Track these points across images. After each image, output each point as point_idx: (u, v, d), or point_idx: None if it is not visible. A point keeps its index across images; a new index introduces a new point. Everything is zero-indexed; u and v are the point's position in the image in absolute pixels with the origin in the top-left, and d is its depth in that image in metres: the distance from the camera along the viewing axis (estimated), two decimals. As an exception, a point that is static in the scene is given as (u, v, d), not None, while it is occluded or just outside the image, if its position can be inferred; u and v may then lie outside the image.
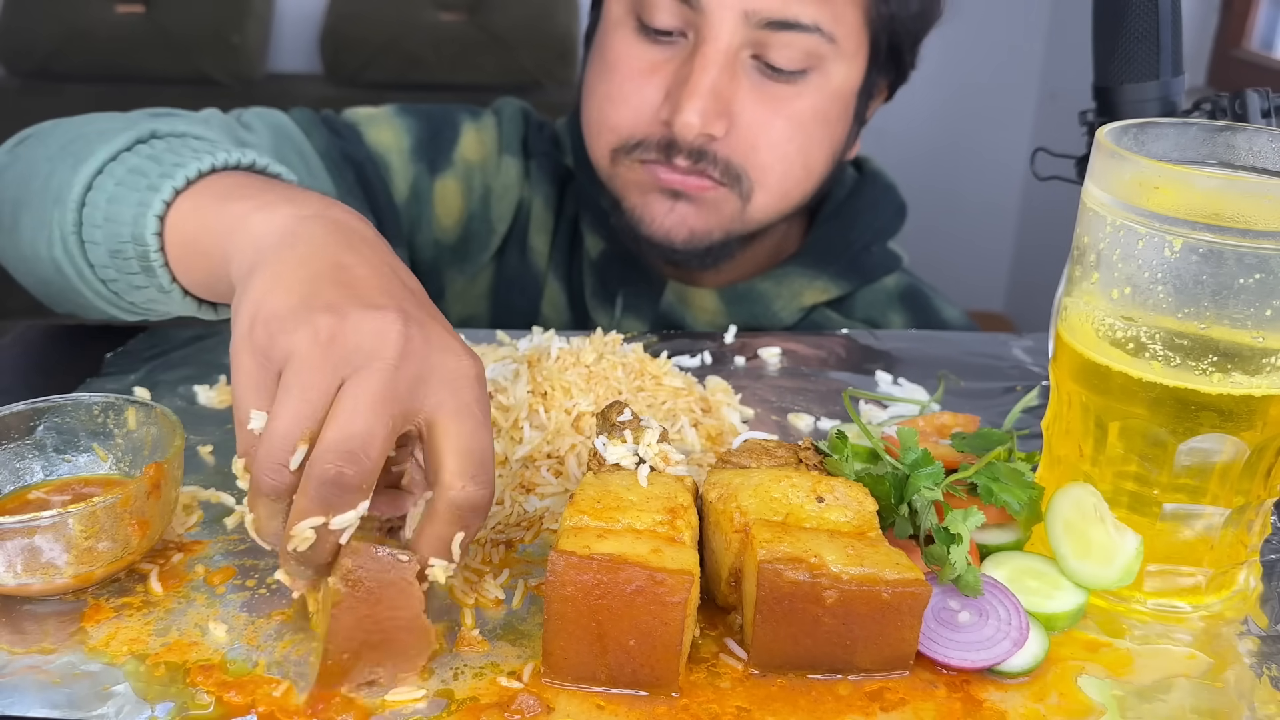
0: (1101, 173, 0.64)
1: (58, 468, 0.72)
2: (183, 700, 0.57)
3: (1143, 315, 0.62)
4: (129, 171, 0.78)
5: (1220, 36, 2.64)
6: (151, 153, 0.79)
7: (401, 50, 2.81)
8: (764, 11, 0.97)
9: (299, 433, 0.56)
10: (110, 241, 0.78)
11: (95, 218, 0.78)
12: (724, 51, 0.98)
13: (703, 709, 0.58)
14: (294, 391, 0.57)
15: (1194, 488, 0.64)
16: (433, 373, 0.59)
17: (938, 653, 0.61)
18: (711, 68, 0.98)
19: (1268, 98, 0.85)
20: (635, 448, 0.68)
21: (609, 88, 1.05)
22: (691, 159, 1.01)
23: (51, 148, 0.85)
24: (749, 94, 1.00)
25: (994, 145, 3.25)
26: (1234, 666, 0.63)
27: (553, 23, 2.83)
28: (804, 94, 1.02)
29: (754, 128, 1.01)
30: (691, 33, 1.00)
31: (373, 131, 1.15)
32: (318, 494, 0.55)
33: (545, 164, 1.21)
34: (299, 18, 3.00)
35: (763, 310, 1.15)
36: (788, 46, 0.98)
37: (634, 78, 1.03)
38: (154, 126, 0.83)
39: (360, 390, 0.56)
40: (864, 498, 0.64)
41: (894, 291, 1.20)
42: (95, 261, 0.80)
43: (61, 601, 0.64)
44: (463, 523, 0.58)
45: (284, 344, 0.58)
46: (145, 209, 0.75)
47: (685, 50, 1.01)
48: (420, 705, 0.57)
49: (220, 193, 0.74)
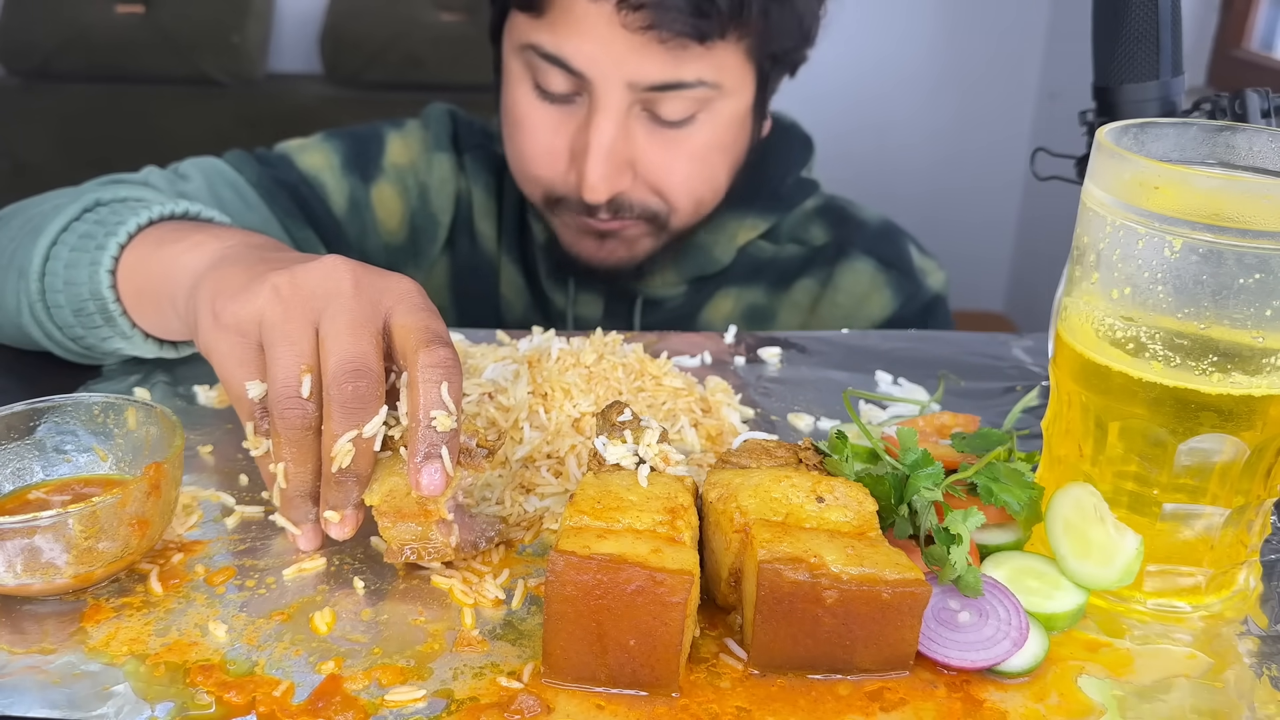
0: (1101, 173, 0.64)
1: (58, 468, 0.72)
2: (183, 700, 0.57)
3: (1143, 315, 0.62)
4: (79, 238, 0.86)
5: (1220, 36, 2.64)
6: (96, 218, 0.87)
7: (401, 50, 2.81)
8: (648, 79, 1.02)
9: (299, 367, 0.65)
10: (72, 303, 0.86)
11: (55, 284, 0.86)
12: (614, 117, 1.04)
13: (703, 709, 0.58)
14: (280, 342, 0.66)
15: (1194, 488, 0.64)
16: (383, 294, 0.68)
17: (938, 653, 0.61)
18: (604, 135, 1.04)
19: (1268, 98, 0.85)
20: (635, 448, 0.68)
21: (520, 144, 1.11)
22: (610, 211, 1.09)
23: (13, 228, 0.94)
24: (646, 142, 1.07)
25: (994, 145, 3.25)
26: (1234, 666, 0.63)
27: (553, 23, 2.82)
28: (697, 134, 1.08)
29: (657, 171, 1.08)
30: (585, 94, 1.05)
31: (303, 157, 1.21)
32: (342, 412, 0.64)
33: (479, 155, 1.27)
34: (299, 18, 3.00)
35: (705, 258, 1.23)
36: (674, 100, 1.04)
37: (542, 135, 1.09)
38: (98, 195, 0.90)
39: (338, 322, 0.66)
40: (864, 498, 0.64)
41: (812, 210, 1.28)
42: (61, 323, 0.88)
43: (61, 601, 0.64)
44: (444, 376, 0.65)
45: (251, 311, 0.67)
46: (97, 267, 0.84)
47: (583, 109, 1.06)
48: (420, 705, 0.57)
49: (156, 241, 0.83)
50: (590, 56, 1.01)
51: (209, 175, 1.12)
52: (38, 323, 0.88)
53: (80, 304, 0.85)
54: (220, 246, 0.77)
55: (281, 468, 0.67)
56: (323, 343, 0.65)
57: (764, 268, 1.25)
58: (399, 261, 1.25)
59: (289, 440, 0.66)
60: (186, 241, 0.80)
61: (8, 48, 2.82)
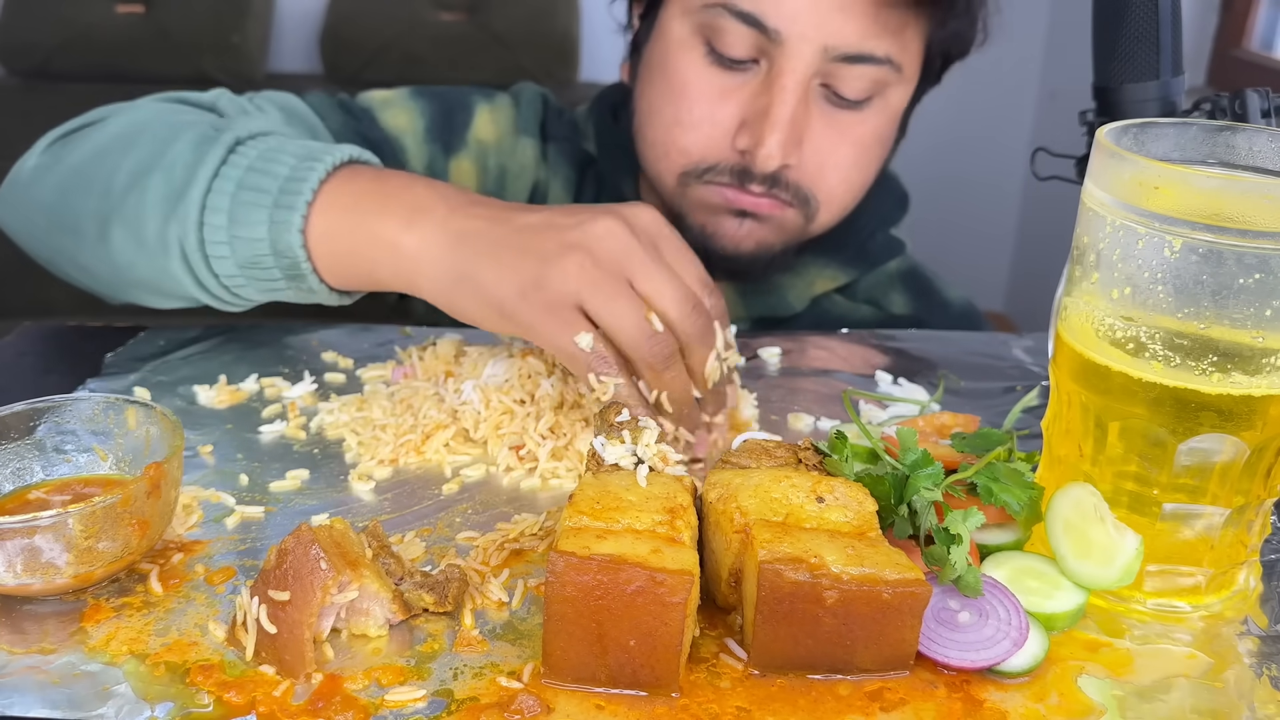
0: (1101, 173, 0.64)
1: (58, 468, 0.72)
2: (183, 700, 0.57)
3: (1143, 315, 0.62)
4: (239, 188, 0.85)
5: (1220, 36, 2.64)
6: (248, 164, 0.85)
7: (401, 50, 2.81)
8: (842, 46, 0.98)
9: (641, 312, 0.75)
10: (243, 257, 0.85)
11: (218, 235, 0.85)
12: (801, 82, 0.99)
13: (703, 709, 0.58)
14: (611, 299, 0.74)
15: (1194, 488, 0.64)
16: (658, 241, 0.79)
17: (938, 653, 0.61)
18: (790, 99, 0.99)
19: (1268, 98, 0.85)
20: (633, 448, 0.68)
21: (677, 111, 1.04)
22: (766, 185, 1.03)
23: (121, 158, 0.90)
24: (818, 121, 1.02)
25: (994, 145, 3.25)
26: (1234, 666, 0.63)
27: (553, 23, 2.83)
28: (867, 120, 1.04)
29: (822, 154, 1.03)
30: (765, 61, 1.00)
31: (387, 114, 1.16)
32: (699, 340, 0.77)
33: (565, 148, 1.22)
34: (299, 18, 3.00)
35: (778, 300, 1.18)
36: (858, 78, 1.00)
37: (705, 103, 1.03)
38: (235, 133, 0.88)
39: (648, 272, 0.76)
40: (864, 498, 0.64)
41: (895, 274, 1.23)
42: (221, 272, 0.87)
43: (61, 601, 0.64)
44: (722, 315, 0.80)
45: (566, 294, 0.75)
46: (286, 228, 0.83)
47: (758, 77, 1.01)
48: (420, 705, 0.57)
49: (347, 205, 0.84)
50: (791, 15, 0.97)
51: (288, 114, 1.08)
52: (189, 271, 0.87)
53: (255, 259, 0.85)
54: (435, 224, 0.80)
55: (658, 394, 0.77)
56: (647, 289, 0.75)
57: (833, 325, 1.19)
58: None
59: (664, 367, 0.76)
60: (394, 213, 0.82)
61: (8, 48, 2.82)
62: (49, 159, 0.97)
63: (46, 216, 0.95)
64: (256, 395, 0.91)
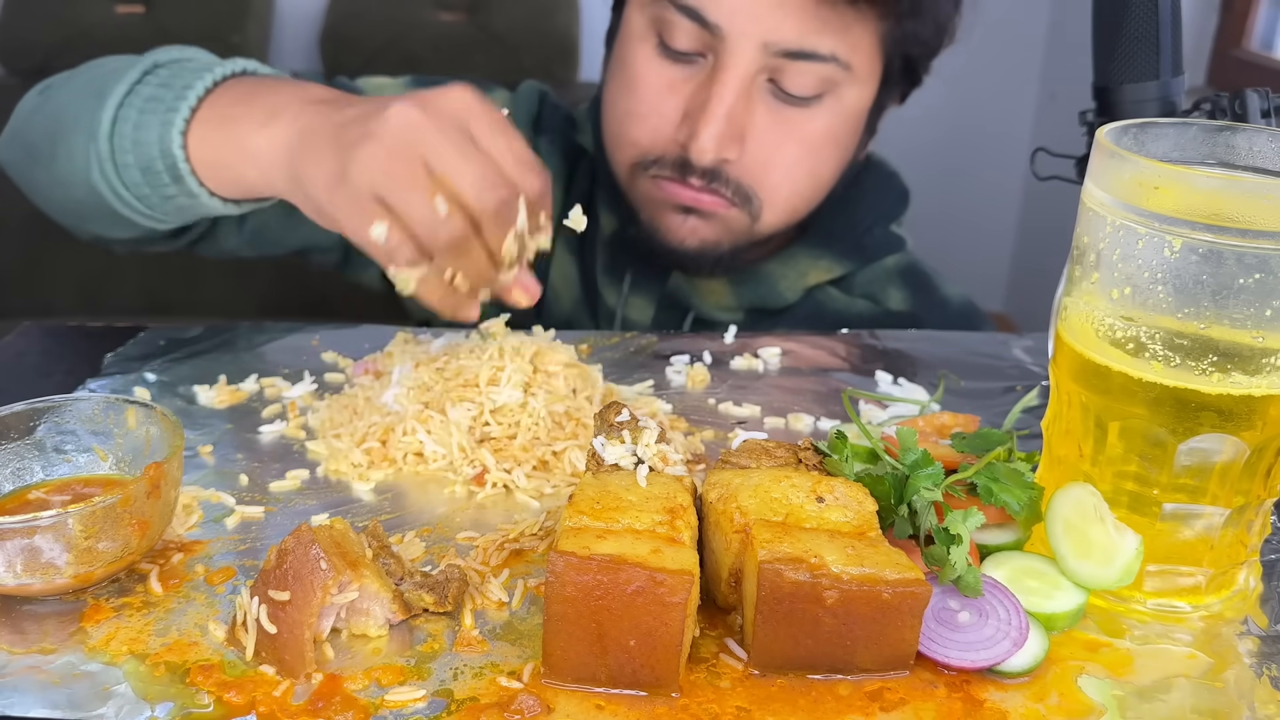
0: (1101, 173, 0.64)
1: (58, 468, 0.72)
2: (183, 700, 0.57)
3: (1143, 315, 0.62)
4: (145, 100, 0.90)
5: (1220, 36, 2.64)
6: (159, 81, 0.91)
7: (401, 50, 2.81)
8: (783, 42, 0.98)
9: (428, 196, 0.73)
10: (141, 162, 0.90)
11: (124, 144, 0.90)
12: (741, 78, 1.00)
13: (703, 709, 0.58)
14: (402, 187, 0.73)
15: (1194, 488, 0.64)
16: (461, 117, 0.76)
17: (938, 653, 0.61)
18: (729, 94, 1.00)
19: (1268, 98, 0.85)
20: (633, 448, 0.68)
21: (630, 104, 1.06)
22: (705, 179, 1.04)
23: (76, 88, 0.97)
24: (763, 117, 1.02)
25: (994, 145, 3.25)
26: (1234, 666, 0.63)
27: (553, 23, 2.83)
28: (816, 117, 1.04)
29: (766, 150, 1.03)
30: (711, 55, 1.01)
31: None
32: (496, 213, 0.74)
33: (557, 140, 1.23)
34: (299, 18, 3.00)
35: (768, 290, 1.17)
36: (803, 74, 1.01)
37: (653, 95, 1.04)
38: (155, 58, 0.94)
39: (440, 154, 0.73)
40: (864, 498, 0.64)
41: (894, 269, 1.23)
42: (128, 181, 0.91)
43: (61, 601, 0.64)
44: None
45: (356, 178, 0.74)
46: (168, 128, 0.88)
47: (704, 71, 1.02)
48: (420, 705, 0.57)
49: (223, 112, 0.88)
50: (730, 10, 0.98)
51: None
52: (105, 180, 0.92)
53: (149, 163, 0.89)
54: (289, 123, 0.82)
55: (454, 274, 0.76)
56: (442, 179, 0.73)
57: (828, 318, 1.19)
58: None
59: (453, 251, 0.74)
60: (253, 116, 0.85)
61: (8, 48, 2.82)
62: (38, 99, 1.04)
63: (25, 150, 1.01)
64: (256, 395, 0.91)
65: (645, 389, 0.94)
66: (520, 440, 0.79)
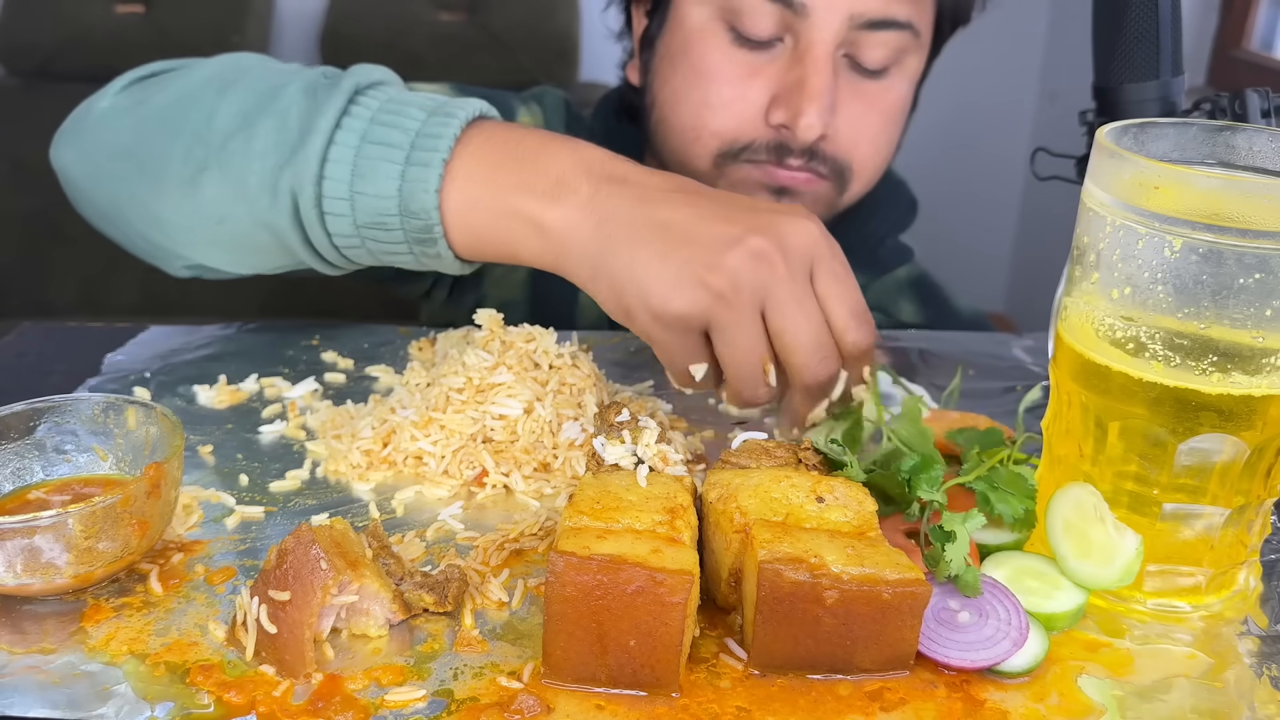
0: (1101, 173, 0.64)
1: (58, 468, 0.72)
2: (183, 700, 0.57)
3: (1143, 315, 0.62)
4: (364, 141, 0.79)
5: (1220, 36, 2.64)
6: (374, 116, 0.80)
7: (401, 50, 2.81)
8: (868, 13, 0.98)
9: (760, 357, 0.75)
10: (365, 216, 0.80)
11: (338, 191, 0.79)
12: (830, 52, 1.00)
13: (703, 709, 0.58)
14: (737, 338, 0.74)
15: (1194, 488, 0.64)
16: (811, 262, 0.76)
17: (938, 653, 0.61)
18: (824, 69, 0.99)
19: (1268, 98, 0.85)
20: (633, 448, 0.68)
21: (705, 95, 1.04)
22: (805, 158, 1.03)
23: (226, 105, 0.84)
24: (845, 91, 1.02)
25: (994, 145, 3.25)
26: (1234, 666, 0.63)
27: (553, 23, 2.83)
28: (891, 88, 1.05)
29: (853, 124, 1.03)
30: (789, 36, 1.01)
31: None
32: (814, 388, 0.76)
33: None
34: (299, 18, 3.00)
35: None
36: (880, 45, 1.01)
37: (734, 84, 1.03)
38: (355, 79, 0.82)
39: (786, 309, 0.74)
40: (864, 498, 0.64)
41: (905, 281, 1.23)
42: (335, 230, 0.81)
43: (61, 601, 0.64)
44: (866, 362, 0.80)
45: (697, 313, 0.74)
46: (419, 186, 0.78)
47: (784, 53, 1.02)
48: (420, 705, 0.57)
49: (486, 174, 0.80)
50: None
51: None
52: (297, 228, 0.82)
53: (379, 219, 0.80)
54: (584, 203, 0.78)
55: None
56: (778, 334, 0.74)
57: None
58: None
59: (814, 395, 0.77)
60: (536, 185, 0.79)
61: (8, 48, 2.82)
62: (127, 100, 0.92)
63: (122, 160, 0.88)
64: (256, 395, 0.91)
65: (645, 389, 0.94)
66: (521, 443, 0.79)
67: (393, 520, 0.74)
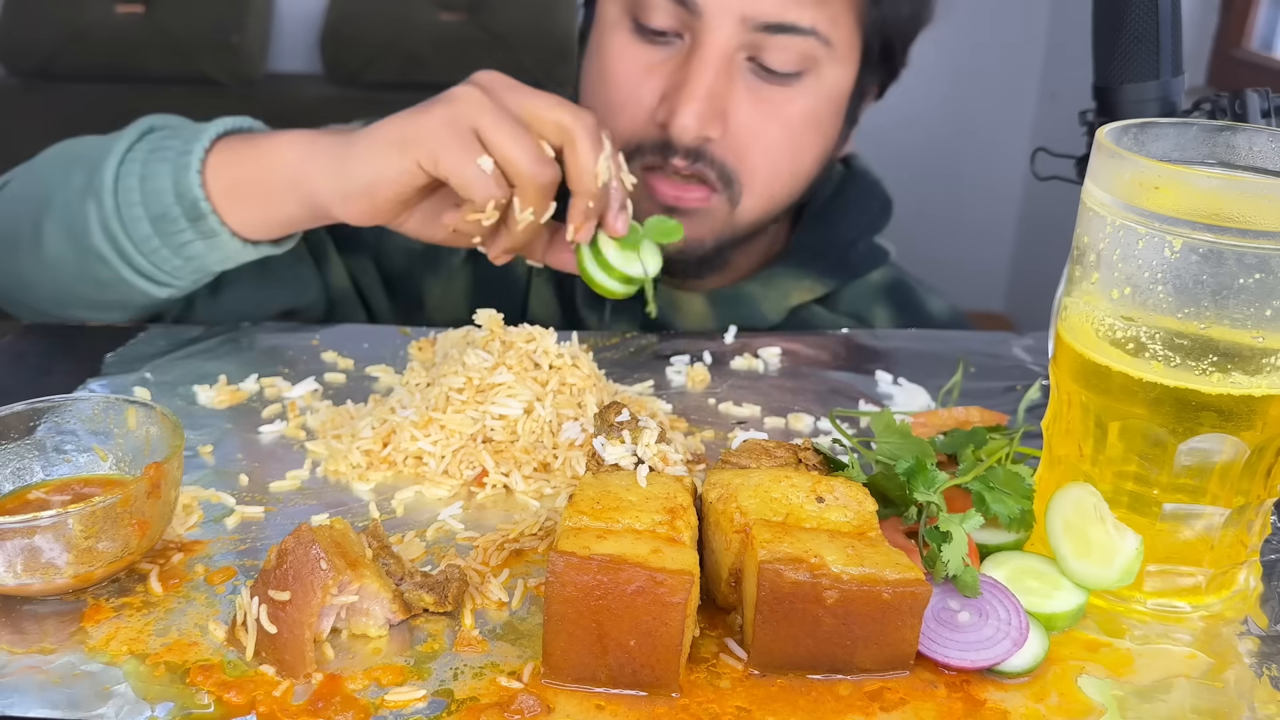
0: (1101, 173, 0.64)
1: (58, 468, 0.72)
2: (183, 700, 0.57)
3: (1143, 315, 0.62)
4: (150, 153, 0.93)
5: (1220, 36, 2.64)
6: (159, 136, 0.94)
7: (401, 50, 2.81)
8: (762, 15, 0.97)
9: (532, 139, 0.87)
10: (153, 210, 0.92)
11: (131, 197, 0.91)
12: (720, 54, 0.98)
13: (703, 709, 0.58)
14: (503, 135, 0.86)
15: (1194, 488, 0.64)
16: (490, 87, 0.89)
17: (938, 653, 0.61)
18: (708, 70, 0.98)
19: (1268, 98, 0.85)
20: (633, 448, 0.68)
21: (607, 94, 1.05)
22: (688, 159, 1.01)
23: (51, 168, 0.99)
24: (744, 96, 1.01)
25: (994, 145, 3.25)
26: (1234, 666, 0.63)
27: (553, 23, 2.83)
28: (798, 97, 1.02)
29: (748, 130, 1.02)
30: (688, 35, 1.00)
31: None
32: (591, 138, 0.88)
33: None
34: (299, 18, 3.00)
35: (750, 311, 1.15)
36: (784, 49, 0.99)
37: (630, 80, 1.03)
38: (150, 122, 0.97)
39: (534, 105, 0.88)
40: (864, 498, 0.64)
41: (879, 286, 1.21)
42: (136, 236, 0.92)
43: (61, 601, 0.64)
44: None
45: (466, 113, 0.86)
46: (184, 170, 0.91)
47: (681, 52, 1.01)
48: (420, 705, 0.57)
49: (237, 147, 0.92)
50: None
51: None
52: (111, 240, 0.92)
53: (163, 209, 0.91)
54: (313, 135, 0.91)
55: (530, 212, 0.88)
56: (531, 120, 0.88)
57: None
58: (415, 269, 1.19)
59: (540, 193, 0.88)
60: (273, 140, 0.92)
61: (8, 48, 2.82)
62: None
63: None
64: (256, 395, 0.91)
65: (645, 389, 0.94)
66: (521, 443, 0.79)
67: (393, 520, 0.74)
